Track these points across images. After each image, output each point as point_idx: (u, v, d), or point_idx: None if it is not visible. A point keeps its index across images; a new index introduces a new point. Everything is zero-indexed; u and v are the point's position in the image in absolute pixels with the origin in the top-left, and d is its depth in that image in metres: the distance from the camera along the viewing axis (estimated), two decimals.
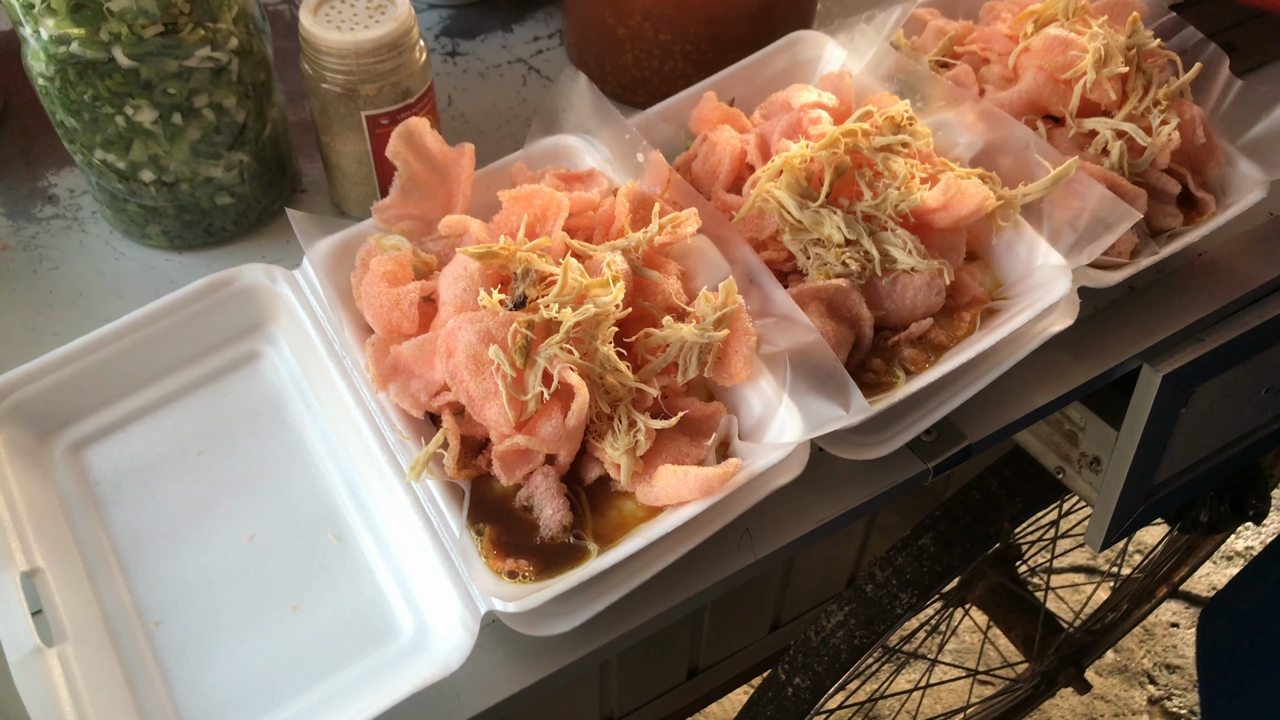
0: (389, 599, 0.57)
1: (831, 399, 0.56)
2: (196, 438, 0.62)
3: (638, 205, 0.62)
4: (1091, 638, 1.33)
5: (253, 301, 0.65)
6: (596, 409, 0.56)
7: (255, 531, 0.59)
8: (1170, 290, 0.73)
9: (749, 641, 1.16)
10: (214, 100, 0.67)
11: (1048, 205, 0.64)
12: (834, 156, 0.62)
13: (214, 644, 0.56)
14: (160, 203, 0.71)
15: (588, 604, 0.54)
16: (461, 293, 0.58)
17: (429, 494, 0.57)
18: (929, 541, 0.98)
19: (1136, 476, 0.78)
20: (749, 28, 0.77)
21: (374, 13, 0.67)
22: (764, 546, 0.61)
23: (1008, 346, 0.62)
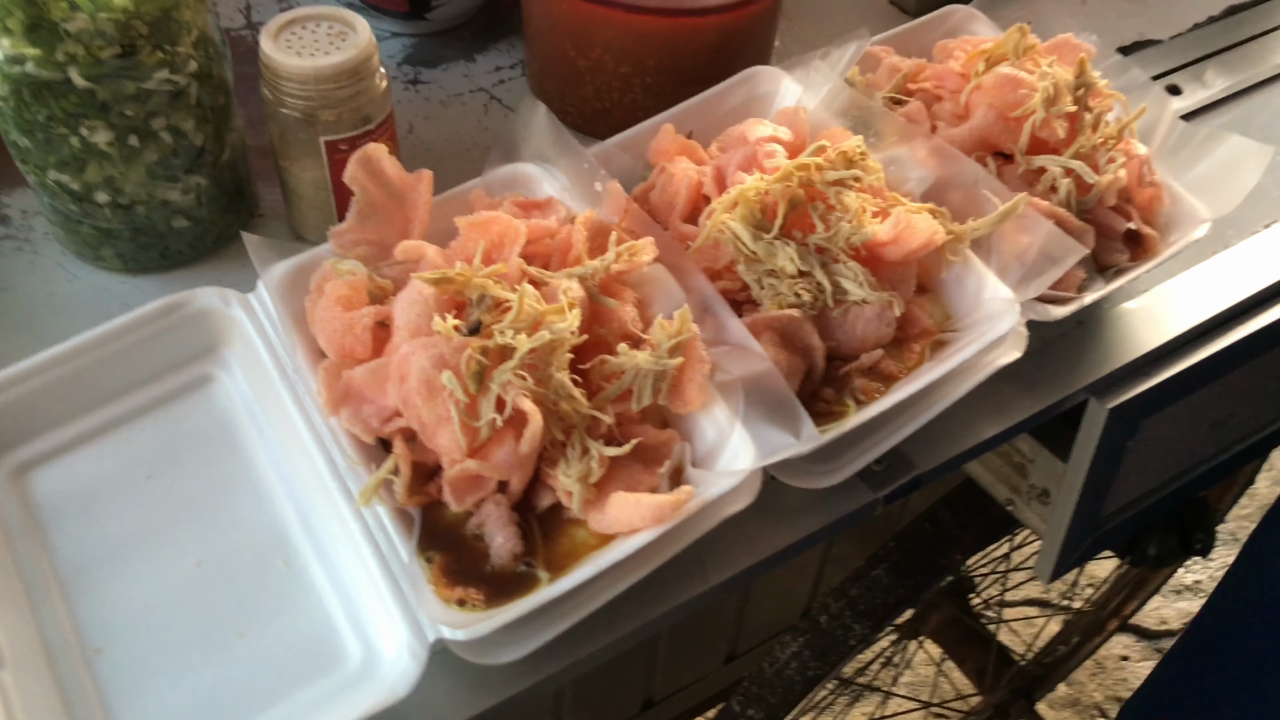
0: (337, 626, 0.56)
1: (783, 427, 0.57)
2: (146, 462, 0.62)
3: (595, 234, 0.62)
4: (1043, 670, 1.34)
5: (206, 325, 0.64)
6: (550, 436, 0.56)
7: (203, 557, 0.58)
8: (1116, 325, 0.75)
9: (704, 673, 1.16)
10: (172, 123, 0.67)
11: (996, 239, 0.66)
12: (788, 189, 0.63)
13: (157, 671, 0.55)
14: (115, 225, 0.70)
15: (538, 632, 0.54)
16: (416, 318, 0.58)
17: (379, 520, 0.56)
18: (882, 573, 0.99)
19: (1084, 508, 0.79)
20: (707, 62, 0.78)
21: (335, 39, 0.67)
22: (716, 575, 0.61)
23: (957, 378, 0.63)
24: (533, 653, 0.54)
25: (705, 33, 0.77)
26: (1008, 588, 1.27)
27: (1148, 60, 0.92)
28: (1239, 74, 0.93)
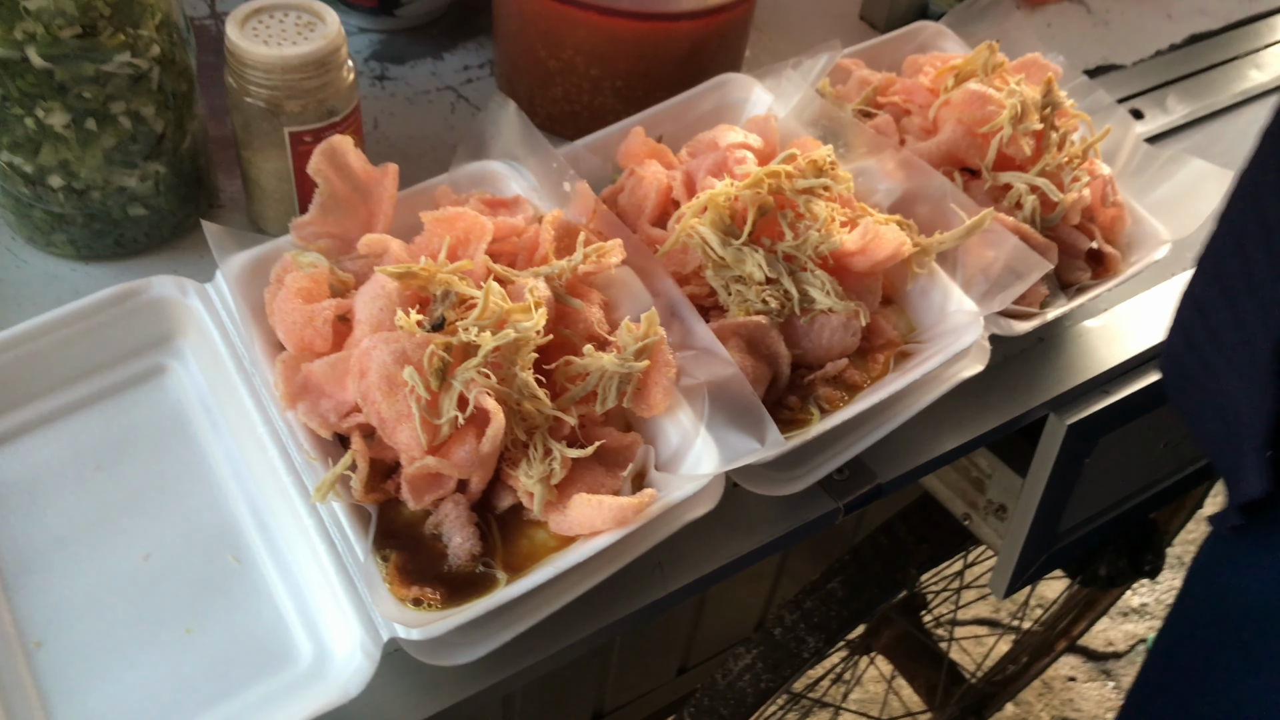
0: (288, 623, 0.55)
1: (748, 433, 0.56)
2: (95, 452, 0.60)
3: (562, 234, 0.62)
4: (993, 689, 1.35)
5: (162, 314, 0.63)
6: (512, 436, 0.56)
7: (151, 550, 0.57)
8: (1077, 342, 0.75)
9: (656, 684, 1.15)
10: (132, 108, 0.66)
11: (962, 253, 0.66)
12: (758, 196, 0.63)
13: (100, 667, 0.53)
14: (68, 210, 0.69)
15: (494, 634, 0.53)
16: (378, 312, 0.57)
17: (334, 517, 0.55)
18: (837, 586, 0.99)
19: (1040, 524, 0.79)
20: (678, 68, 0.78)
21: (303, 29, 0.66)
22: (675, 580, 0.61)
23: (920, 389, 0.63)
24: (488, 655, 0.53)
25: (677, 38, 0.77)
26: (960, 605, 1.28)
27: (1111, 84, 0.94)
28: (1200, 100, 0.94)
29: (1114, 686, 1.73)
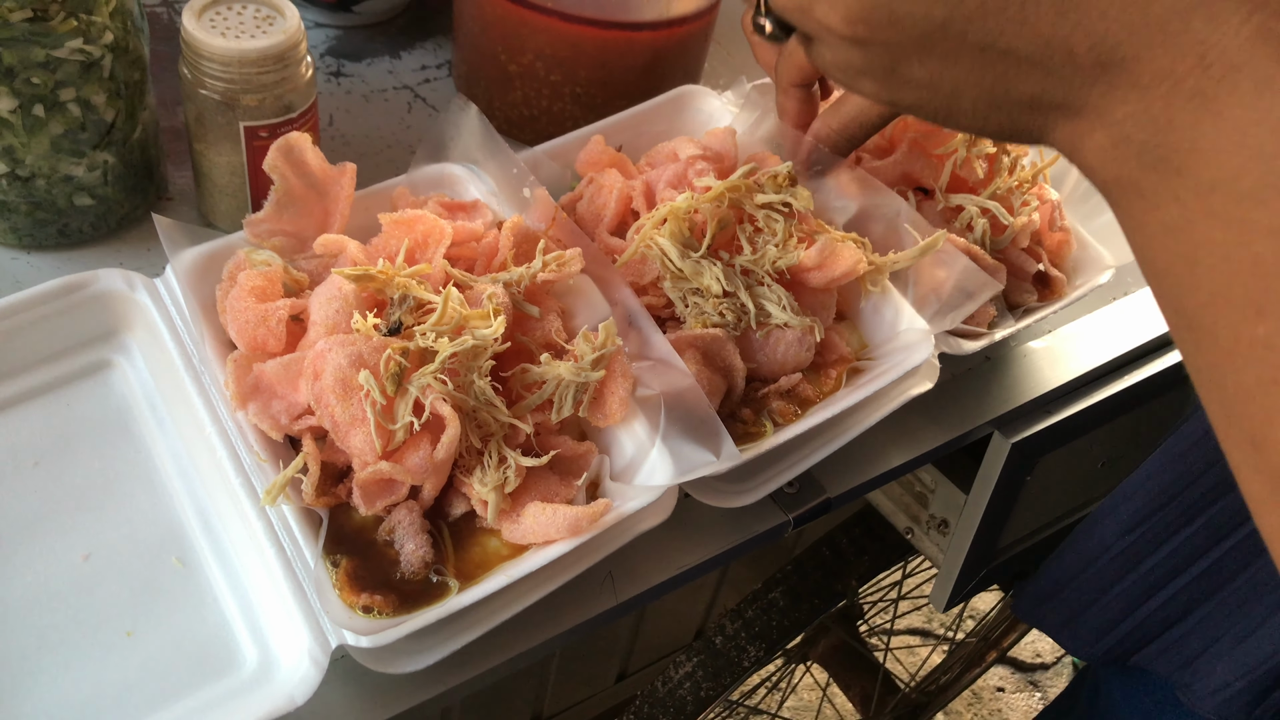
0: (233, 628, 0.54)
1: (703, 445, 0.57)
2: (33, 448, 0.59)
3: (521, 240, 0.62)
4: (926, 699, 1.37)
5: (108, 308, 0.62)
6: (467, 443, 0.55)
7: (91, 551, 0.56)
8: (1022, 362, 0.77)
9: (595, 691, 1.15)
10: (82, 95, 0.64)
11: (915, 272, 0.67)
12: (718, 210, 0.63)
13: (35, 670, 0.52)
14: (11, 198, 0.67)
15: (444, 642, 0.53)
16: (334, 314, 0.56)
17: (284, 520, 0.54)
18: (779, 595, 1.00)
19: (981, 540, 0.81)
20: (638, 77, 0.79)
21: (261, 22, 0.65)
22: (626, 590, 0.61)
23: (870, 405, 0.64)
24: (436, 663, 0.52)
25: (638, 47, 0.77)
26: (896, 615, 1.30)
27: None
28: None
29: (1040, 697, 1.77)
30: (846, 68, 0.40)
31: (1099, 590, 0.77)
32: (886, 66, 0.38)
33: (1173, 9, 0.32)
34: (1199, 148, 0.32)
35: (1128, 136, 0.34)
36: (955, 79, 0.37)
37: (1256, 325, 0.32)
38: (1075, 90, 0.35)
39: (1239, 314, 0.32)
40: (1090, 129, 0.35)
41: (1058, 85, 0.35)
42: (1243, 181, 0.32)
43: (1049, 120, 0.37)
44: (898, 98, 0.39)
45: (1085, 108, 0.35)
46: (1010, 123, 0.38)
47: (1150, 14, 0.32)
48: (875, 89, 0.40)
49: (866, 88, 0.40)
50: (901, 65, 0.38)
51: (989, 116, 0.38)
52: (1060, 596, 0.80)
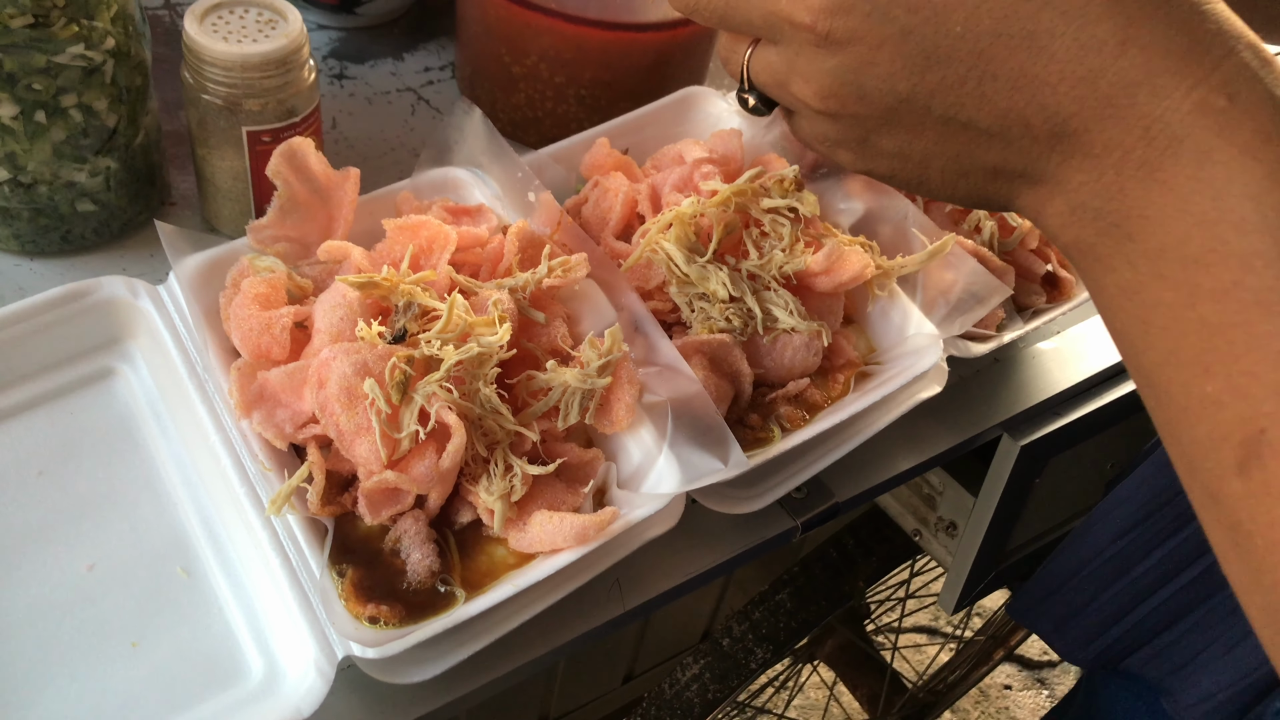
0: (239, 639, 0.54)
1: (711, 452, 0.56)
2: (37, 457, 0.58)
3: (526, 245, 0.61)
4: (933, 698, 1.36)
5: (111, 315, 0.61)
6: (472, 451, 0.55)
7: (96, 561, 0.55)
8: (1031, 364, 0.76)
9: (602, 692, 1.15)
10: (84, 101, 0.64)
11: (923, 275, 0.66)
12: (724, 214, 0.62)
13: (40, 681, 0.52)
14: (13, 204, 0.67)
15: (450, 652, 0.52)
16: (338, 322, 0.56)
17: (289, 530, 0.54)
18: (786, 597, 1.00)
19: (990, 542, 0.80)
20: (643, 79, 0.78)
21: (264, 26, 0.65)
22: (633, 598, 0.60)
23: (879, 409, 0.64)
24: (444, 672, 0.52)
25: (643, 48, 0.77)
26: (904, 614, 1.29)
27: None
28: None
29: (1048, 695, 1.76)
30: (824, 139, 0.42)
31: (1091, 595, 0.77)
32: (859, 138, 0.40)
33: (1119, 84, 0.34)
34: (1147, 215, 0.34)
35: (1084, 204, 0.36)
36: (923, 149, 0.39)
37: (1205, 384, 0.34)
38: (1034, 160, 0.37)
39: (1189, 373, 0.34)
40: (1050, 196, 0.37)
41: (1017, 155, 0.37)
42: (1187, 247, 0.33)
43: (1013, 188, 0.39)
44: (872, 167, 0.42)
45: (1044, 177, 0.37)
46: (977, 190, 0.40)
47: (1098, 89, 0.34)
48: (851, 159, 0.42)
49: (843, 157, 0.42)
50: (873, 137, 0.40)
51: (957, 184, 0.40)
52: (1053, 600, 0.80)
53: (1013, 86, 0.35)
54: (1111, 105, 0.34)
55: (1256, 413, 0.33)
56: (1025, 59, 0.35)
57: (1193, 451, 0.35)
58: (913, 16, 0.36)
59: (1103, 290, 0.37)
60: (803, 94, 0.40)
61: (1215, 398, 0.34)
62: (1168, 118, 0.34)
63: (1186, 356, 0.34)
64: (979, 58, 0.36)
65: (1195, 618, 0.73)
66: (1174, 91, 0.34)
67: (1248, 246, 0.33)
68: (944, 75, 0.36)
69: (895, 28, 0.36)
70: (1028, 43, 0.35)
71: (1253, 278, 0.33)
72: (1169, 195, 0.34)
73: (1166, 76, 0.34)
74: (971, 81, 0.36)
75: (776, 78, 0.41)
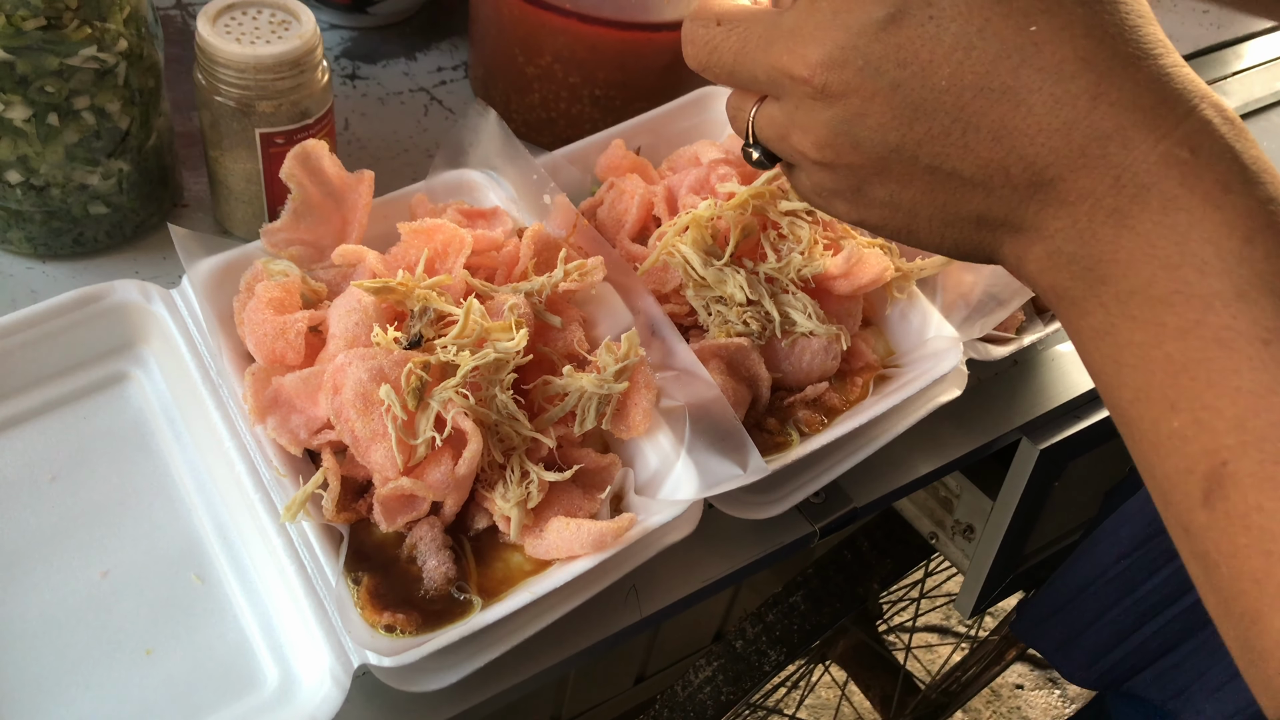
0: (254, 646, 0.53)
1: (729, 457, 0.56)
2: (50, 462, 0.58)
3: (542, 248, 0.61)
4: (946, 698, 1.36)
5: (124, 320, 0.61)
6: (489, 457, 0.54)
7: (110, 567, 0.55)
8: (1050, 367, 0.76)
9: (613, 694, 1.14)
10: (96, 103, 0.63)
11: (943, 278, 0.66)
12: (741, 217, 0.62)
13: (55, 689, 0.51)
14: (26, 207, 0.66)
15: (467, 659, 0.52)
16: (353, 327, 0.56)
17: (304, 537, 0.54)
18: (800, 599, 0.99)
19: (1008, 546, 0.80)
20: (658, 78, 0.77)
21: (277, 27, 0.65)
22: (650, 605, 0.60)
23: (898, 413, 0.63)
24: (460, 680, 0.52)
25: (658, 48, 0.76)
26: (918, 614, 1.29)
27: None
28: None
29: (1060, 694, 1.76)
30: (820, 190, 0.44)
31: (1095, 614, 0.77)
32: (854, 187, 0.42)
33: (1091, 136, 0.36)
34: (1117, 259, 0.37)
35: (1059, 249, 0.38)
36: (912, 199, 0.41)
37: (1172, 419, 0.36)
38: (1014, 208, 0.39)
39: (1157, 409, 0.36)
40: (1030, 244, 0.39)
41: (999, 204, 0.39)
42: (1154, 288, 0.36)
43: (996, 237, 0.41)
44: (865, 216, 0.43)
45: (1024, 225, 0.39)
46: (964, 240, 0.42)
47: (1072, 140, 0.37)
48: (846, 209, 0.44)
49: (839, 208, 0.44)
50: (865, 186, 0.42)
51: (944, 234, 0.42)
52: (1057, 619, 0.80)
53: (994, 137, 0.38)
54: (1084, 155, 0.37)
55: (1218, 445, 0.35)
56: (1005, 112, 0.37)
57: (1164, 485, 0.37)
58: (901, 71, 0.38)
59: (1079, 333, 0.39)
60: (801, 145, 0.42)
61: (1181, 432, 0.36)
62: (1136, 168, 0.36)
63: (1155, 393, 0.36)
64: (962, 110, 0.38)
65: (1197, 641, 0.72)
66: (1142, 143, 0.36)
67: (1208, 288, 0.35)
68: (930, 126, 0.39)
69: (885, 81, 0.38)
70: (1007, 97, 0.37)
71: (1213, 316, 0.35)
72: (1137, 240, 0.36)
73: (1135, 130, 0.36)
74: (956, 132, 0.38)
75: (778, 131, 0.43)
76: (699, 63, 0.45)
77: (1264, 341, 0.34)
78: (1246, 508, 0.35)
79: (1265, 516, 0.34)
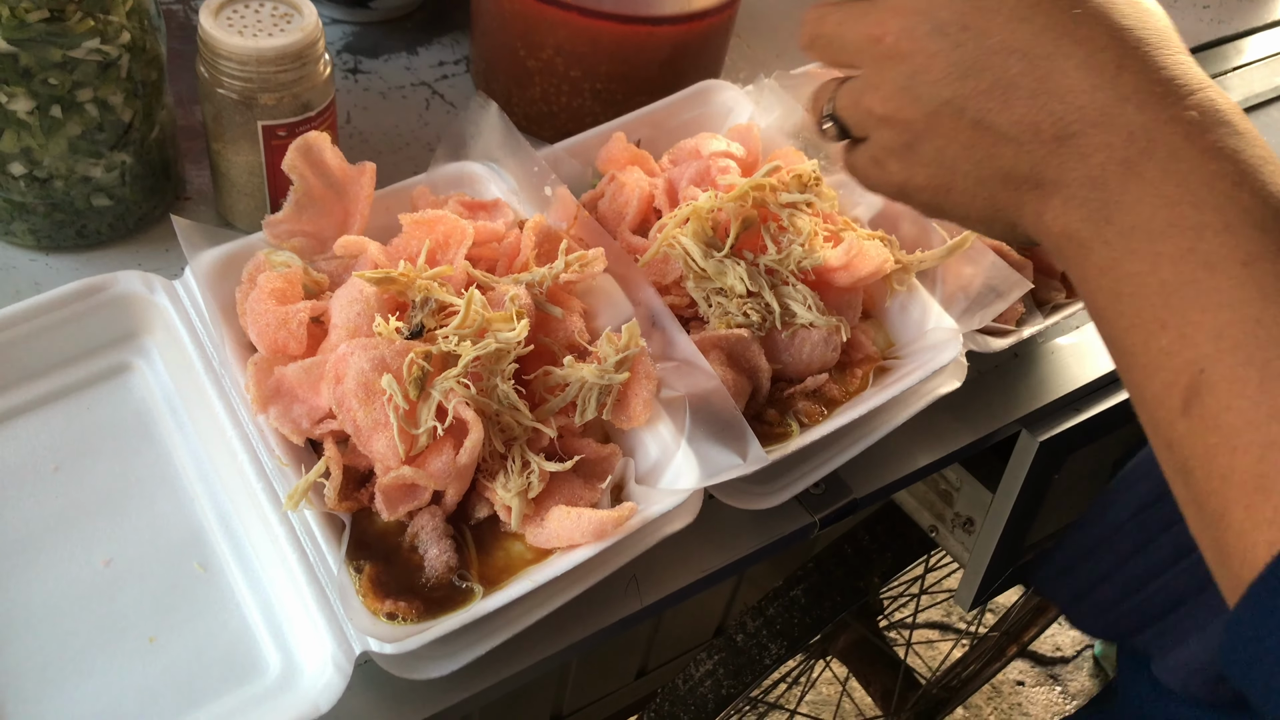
0: (256, 634, 0.53)
1: (729, 447, 0.56)
2: (53, 452, 0.58)
3: (543, 240, 0.61)
4: (946, 694, 1.36)
5: (127, 310, 0.61)
6: (490, 447, 0.55)
7: (113, 556, 0.55)
8: (1050, 359, 0.76)
9: (615, 687, 1.14)
10: (99, 96, 0.64)
11: (943, 270, 0.66)
12: (742, 209, 0.62)
13: (58, 676, 0.51)
14: (29, 199, 0.66)
15: (468, 647, 0.52)
16: (355, 317, 0.56)
17: (306, 526, 0.54)
18: (800, 593, 0.99)
19: (1008, 539, 0.80)
20: (659, 72, 0.78)
21: (279, 20, 0.65)
22: (650, 594, 0.60)
23: (898, 404, 0.63)
24: (462, 668, 0.52)
25: (659, 42, 0.76)
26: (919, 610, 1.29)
27: None
28: None
29: (1061, 691, 1.76)
30: (878, 153, 0.49)
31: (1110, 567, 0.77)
32: (907, 143, 0.48)
33: (1113, 98, 0.42)
34: (1124, 201, 0.42)
35: (1074, 195, 0.43)
36: (954, 154, 0.46)
37: (1161, 338, 0.40)
38: (1039, 162, 0.44)
39: (1149, 330, 0.41)
40: (1049, 196, 0.44)
41: (1026, 158, 0.44)
42: (1154, 223, 0.41)
43: (1021, 195, 0.45)
44: (912, 175, 0.48)
45: (1045, 179, 0.44)
46: (992, 200, 0.46)
47: (1096, 101, 0.42)
48: (898, 168, 0.49)
49: (892, 168, 0.49)
50: (917, 142, 0.47)
51: (976, 193, 0.47)
52: (1075, 571, 0.81)
53: (1030, 95, 0.43)
54: (1105, 114, 0.42)
55: (1198, 355, 0.39)
56: (1044, 74, 0.43)
57: (1151, 405, 0.41)
58: (963, 34, 0.44)
59: (1084, 273, 0.44)
60: (872, 103, 0.48)
61: (1168, 349, 0.40)
62: (1148, 126, 0.41)
63: (1147, 315, 0.41)
64: (1008, 70, 0.44)
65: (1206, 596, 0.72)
66: (1155, 107, 0.42)
67: (1200, 220, 0.40)
68: (979, 83, 0.44)
69: (948, 41, 0.45)
70: (1047, 62, 0.43)
71: (1203, 244, 0.40)
72: (1142, 184, 0.41)
73: (1150, 97, 0.42)
74: (999, 89, 0.44)
75: (854, 97, 0.49)
76: (809, 36, 0.50)
77: (1243, 264, 0.39)
78: (1218, 408, 0.38)
79: (1233, 415, 0.38)
